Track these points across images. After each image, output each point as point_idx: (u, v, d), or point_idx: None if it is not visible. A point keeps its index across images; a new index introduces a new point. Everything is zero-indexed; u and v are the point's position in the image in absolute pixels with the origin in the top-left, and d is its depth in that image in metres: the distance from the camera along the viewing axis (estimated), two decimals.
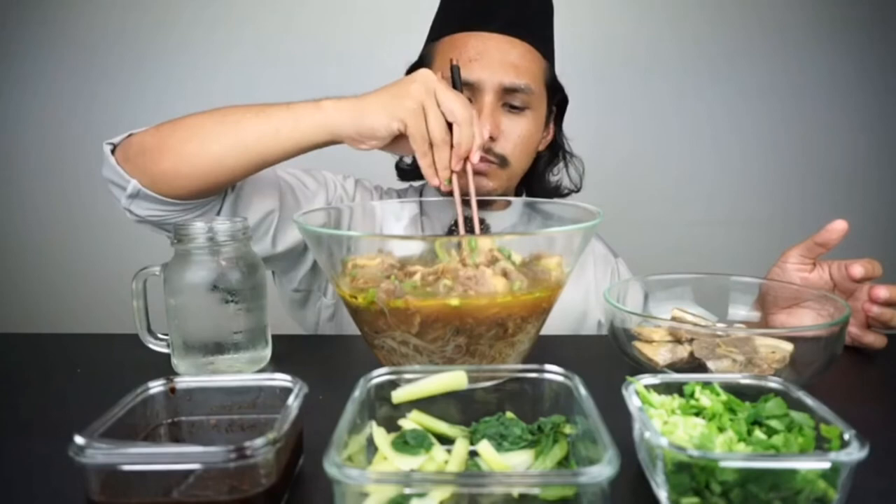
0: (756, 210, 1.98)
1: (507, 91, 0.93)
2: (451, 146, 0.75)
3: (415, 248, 0.71)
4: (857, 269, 0.75)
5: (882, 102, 1.93)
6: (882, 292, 0.75)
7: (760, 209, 1.98)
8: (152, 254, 0.88)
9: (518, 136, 0.96)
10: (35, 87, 1.88)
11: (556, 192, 1.13)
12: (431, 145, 0.74)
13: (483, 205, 0.89)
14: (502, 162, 0.96)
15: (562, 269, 0.66)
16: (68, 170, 1.90)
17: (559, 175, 1.13)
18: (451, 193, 0.80)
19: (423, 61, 1.01)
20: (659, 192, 1.98)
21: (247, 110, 0.77)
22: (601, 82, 1.90)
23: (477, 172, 0.94)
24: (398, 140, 0.76)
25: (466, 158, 0.77)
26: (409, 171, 1.12)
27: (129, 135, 0.81)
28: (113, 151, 0.80)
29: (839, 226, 0.77)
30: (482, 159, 0.93)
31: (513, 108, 0.95)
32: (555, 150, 1.10)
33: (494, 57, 0.93)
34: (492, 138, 0.94)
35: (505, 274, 0.63)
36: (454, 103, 0.73)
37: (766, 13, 1.89)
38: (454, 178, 0.78)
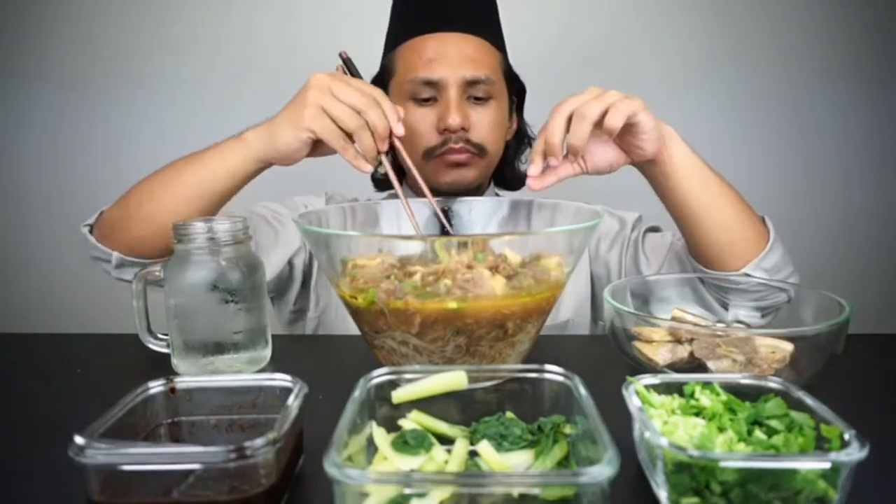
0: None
1: (469, 84, 0.98)
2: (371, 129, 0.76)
3: (414, 248, 0.71)
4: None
5: (882, 104, 1.93)
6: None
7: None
8: None
9: (487, 123, 1.01)
10: (37, 86, 1.88)
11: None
12: (352, 138, 0.76)
13: (458, 195, 0.91)
14: (480, 151, 1.01)
15: (562, 269, 0.66)
16: (67, 169, 1.90)
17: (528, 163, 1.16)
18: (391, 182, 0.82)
19: (385, 71, 1.05)
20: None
21: (185, 161, 0.83)
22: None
23: (458, 164, 1.00)
24: (320, 144, 0.79)
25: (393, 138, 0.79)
26: (384, 181, 1.16)
27: (100, 213, 0.87)
28: (91, 230, 0.87)
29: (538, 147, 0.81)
30: (462, 150, 0.99)
31: (478, 100, 1.00)
32: (521, 138, 1.16)
33: (453, 54, 0.98)
34: (464, 129, 0.98)
35: (506, 276, 0.63)
36: (351, 95, 0.75)
37: (766, 15, 1.89)
38: (384, 158, 0.80)
